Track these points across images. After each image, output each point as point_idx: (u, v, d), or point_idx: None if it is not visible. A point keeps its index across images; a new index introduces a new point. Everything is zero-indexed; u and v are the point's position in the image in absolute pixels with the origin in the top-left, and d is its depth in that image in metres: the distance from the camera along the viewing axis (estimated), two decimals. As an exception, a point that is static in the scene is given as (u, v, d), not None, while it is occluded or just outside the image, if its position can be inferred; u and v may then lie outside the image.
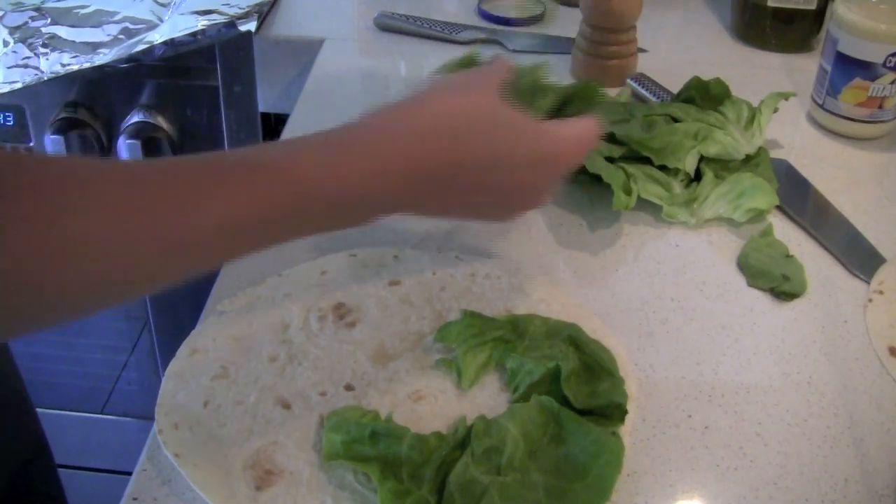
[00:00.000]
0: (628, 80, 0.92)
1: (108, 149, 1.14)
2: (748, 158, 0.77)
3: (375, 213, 0.53)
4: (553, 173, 0.59)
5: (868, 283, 0.69)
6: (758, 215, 0.74)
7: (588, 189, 0.75)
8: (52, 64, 1.01)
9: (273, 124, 1.10)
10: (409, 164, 0.52)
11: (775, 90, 0.83)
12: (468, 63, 0.66)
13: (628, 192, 0.72)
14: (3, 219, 0.39)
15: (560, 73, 0.91)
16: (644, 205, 0.74)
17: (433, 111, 0.54)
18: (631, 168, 0.74)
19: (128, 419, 1.40)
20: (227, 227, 0.46)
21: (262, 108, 1.07)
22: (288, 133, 0.84)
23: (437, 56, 0.98)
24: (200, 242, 0.46)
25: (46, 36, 1.04)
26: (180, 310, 1.16)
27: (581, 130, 0.59)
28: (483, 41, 1.02)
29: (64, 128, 1.10)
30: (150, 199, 0.44)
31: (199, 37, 1.03)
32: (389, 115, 0.53)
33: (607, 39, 0.92)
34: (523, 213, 0.62)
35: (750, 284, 0.69)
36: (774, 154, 0.81)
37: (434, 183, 0.54)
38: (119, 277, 0.44)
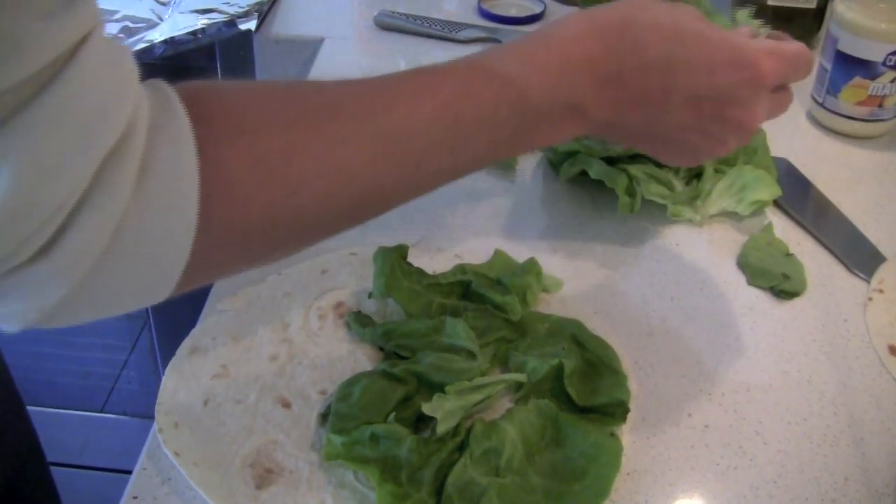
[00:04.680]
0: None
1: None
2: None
3: (562, 120, 0.52)
4: (752, 82, 0.53)
5: (868, 281, 0.69)
6: (761, 207, 0.74)
7: (589, 188, 0.75)
8: (52, 63, 1.01)
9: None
10: (588, 57, 0.51)
11: (775, 89, 0.83)
12: None
13: (632, 194, 0.72)
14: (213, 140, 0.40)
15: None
16: (644, 203, 0.74)
17: (600, 14, 0.53)
18: (633, 169, 0.74)
19: (127, 418, 1.41)
20: (437, 123, 0.47)
21: (261, 106, 1.07)
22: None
23: (438, 55, 0.98)
24: (410, 138, 0.47)
25: (46, 35, 1.04)
26: (180, 309, 1.16)
27: (787, 48, 0.54)
28: (483, 40, 1.01)
29: (64, 127, 1.10)
30: (362, 104, 0.46)
31: (200, 35, 1.03)
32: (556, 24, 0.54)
33: (607, 38, 0.91)
34: (730, 137, 0.56)
35: (750, 283, 0.69)
36: (774, 153, 0.81)
37: (613, 81, 0.52)
38: (333, 180, 0.44)
